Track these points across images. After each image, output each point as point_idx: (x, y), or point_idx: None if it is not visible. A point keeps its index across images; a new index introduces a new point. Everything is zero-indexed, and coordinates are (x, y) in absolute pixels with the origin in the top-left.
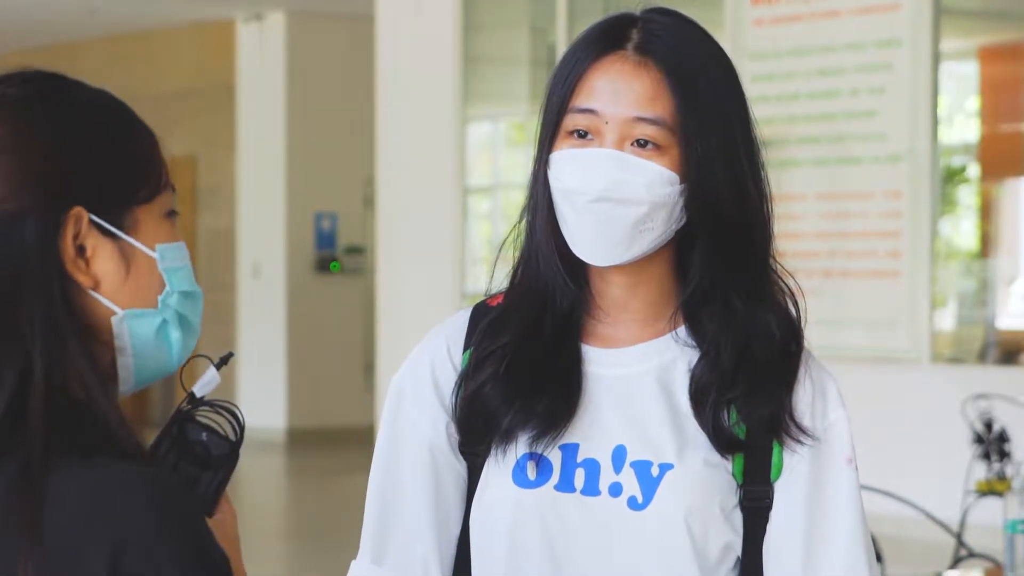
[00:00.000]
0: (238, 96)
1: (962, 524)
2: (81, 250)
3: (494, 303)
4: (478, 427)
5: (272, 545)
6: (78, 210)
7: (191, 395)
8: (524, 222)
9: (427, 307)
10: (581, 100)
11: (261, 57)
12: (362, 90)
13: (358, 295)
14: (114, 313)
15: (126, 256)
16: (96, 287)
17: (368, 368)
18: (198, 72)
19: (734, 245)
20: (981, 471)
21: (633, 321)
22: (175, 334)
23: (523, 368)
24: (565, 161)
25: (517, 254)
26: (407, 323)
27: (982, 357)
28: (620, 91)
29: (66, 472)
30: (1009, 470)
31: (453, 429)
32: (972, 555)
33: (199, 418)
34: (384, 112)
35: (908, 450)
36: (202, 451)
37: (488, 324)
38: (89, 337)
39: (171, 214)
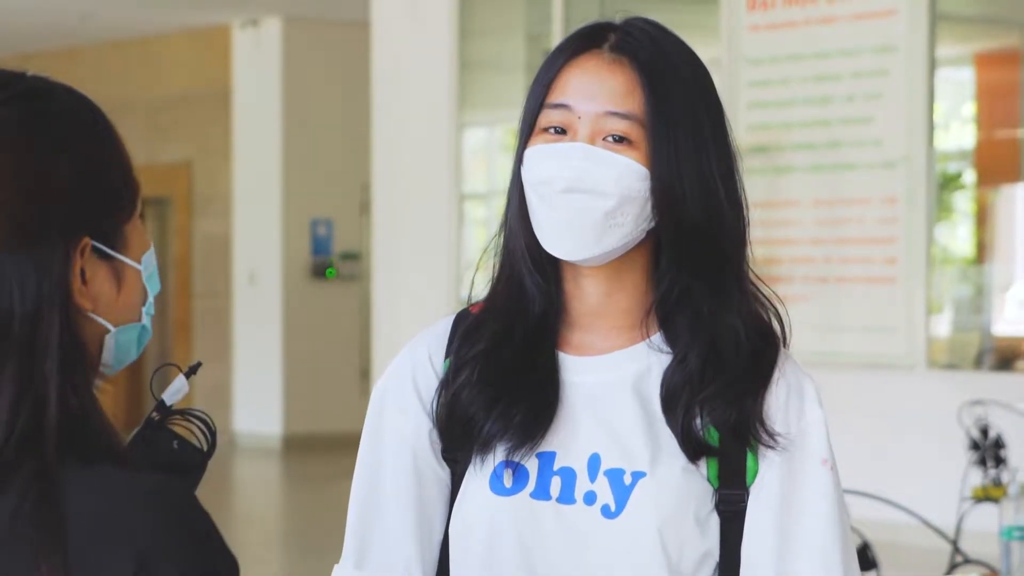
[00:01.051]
0: (234, 102)
1: (958, 530)
2: (82, 274)
3: (476, 310)
4: (458, 432)
5: (268, 550)
6: (85, 240)
7: (161, 403)
8: (504, 229)
9: (423, 313)
10: (555, 96)
11: (257, 63)
12: (358, 96)
13: (354, 301)
14: (107, 331)
15: (118, 274)
16: (94, 308)
17: (364, 374)
18: (194, 78)
19: (700, 248)
20: (977, 477)
21: (609, 328)
22: (146, 335)
23: (498, 373)
24: (537, 156)
25: (498, 261)
26: (403, 329)
27: (978, 363)
28: (594, 87)
29: (76, 483)
30: (1005, 476)
31: (436, 435)
32: (968, 561)
33: (171, 427)
34: (380, 118)
35: (904, 456)
36: (172, 459)
37: (465, 330)
38: (87, 359)
39: (141, 216)
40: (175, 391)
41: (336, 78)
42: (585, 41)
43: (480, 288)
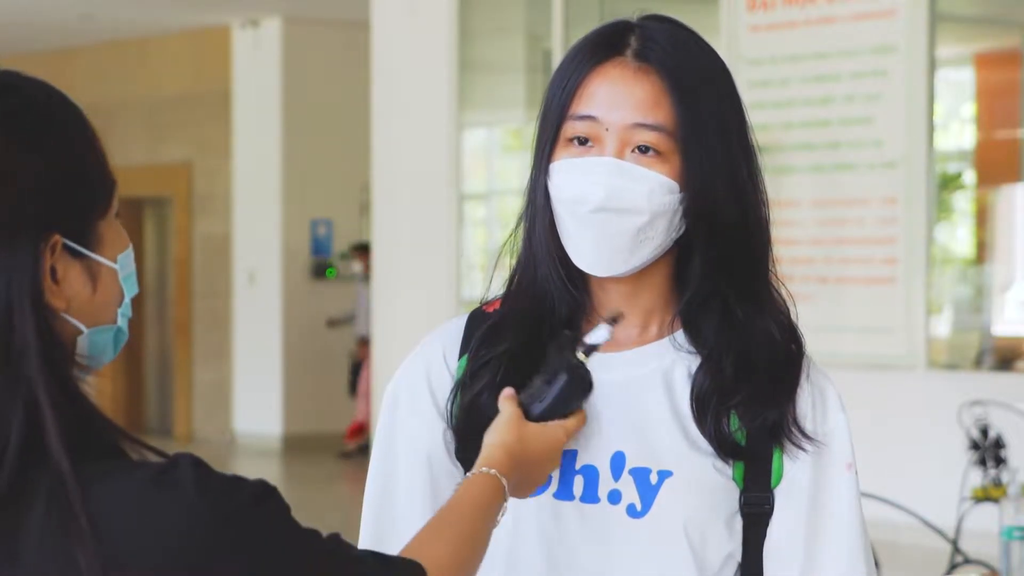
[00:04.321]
0: (234, 102)
1: (958, 530)
2: (52, 272)
3: (491, 309)
4: (474, 435)
5: None
6: (56, 238)
7: (586, 345)
8: (521, 228)
9: (423, 313)
10: (580, 107)
11: (257, 63)
12: (358, 96)
13: (354, 301)
14: (80, 332)
15: (92, 273)
16: (67, 308)
17: None
18: (194, 78)
19: (732, 252)
20: (977, 477)
21: (632, 326)
22: (122, 338)
23: (520, 377)
24: (565, 170)
25: (514, 260)
26: (403, 329)
27: (978, 363)
28: (620, 97)
29: (96, 481)
30: (1005, 476)
31: (450, 436)
32: (968, 561)
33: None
34: (379, 118)
35: (904, 456)
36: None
37: (486, 331)
38: (70, 358)
39: (117, 214)
40: (598, 336)
41: (336, 78)
42: (606, 47)
43: (496, 287)
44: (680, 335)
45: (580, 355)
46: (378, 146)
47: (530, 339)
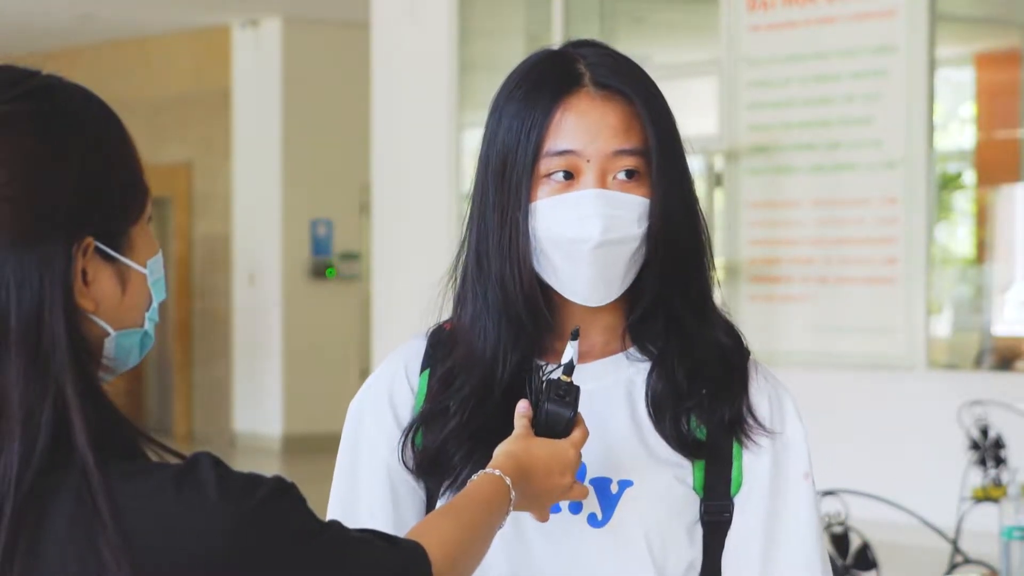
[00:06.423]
0: (234, 102)
1: (958, 530)
2: (83, 274)
3: (450, 327)
4: (436, 475)
5: None
6: (88, 240)
7: (569, 365)
8: (465, 258)
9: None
10: (556, 142)
11: (257, 63)
12: (358, 96)
13: (354, 301)
14: (107, 334)
15: (122, 277)
16: (95, 310)
17: (364, 374)
18: (194, 78)
19: (685, 266)
20: (977, 477)
21: (594, 342)
22: (148, 341)
23: (483, 423)
24: (551, 209)
25: (458, 285)
26: (402, 329)
27: (978, 363)
28: (595, 127)
29: (120, 481)
30: (1005, 476)
31: (411, 452)
32: (968, 561)
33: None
34: (379, 118)
35: (904, 456)
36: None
37: (443, 374)
38: (96, 359)
39: (150, 220)
40: (570, 354)
41: (336, 78)
42: (561, 80)
43: (447, 312)
44: (633, 349)
45: (562, 377)
46: (378, 146)
47: (488, 383)
